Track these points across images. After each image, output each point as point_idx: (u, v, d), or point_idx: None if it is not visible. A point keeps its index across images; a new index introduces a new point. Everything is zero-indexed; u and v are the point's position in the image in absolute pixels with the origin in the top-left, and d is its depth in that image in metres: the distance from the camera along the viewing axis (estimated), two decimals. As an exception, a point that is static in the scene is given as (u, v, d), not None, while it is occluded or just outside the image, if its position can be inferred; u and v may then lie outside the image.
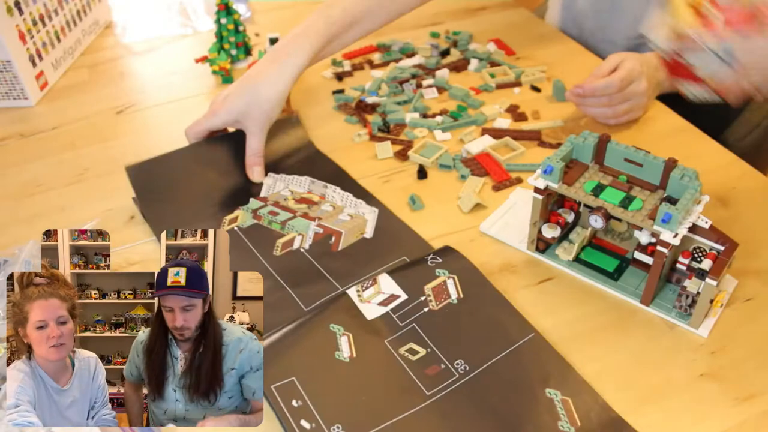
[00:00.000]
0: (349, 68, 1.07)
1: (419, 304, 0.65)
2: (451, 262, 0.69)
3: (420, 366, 0.61)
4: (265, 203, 0.80)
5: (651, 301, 0.66)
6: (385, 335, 0.63)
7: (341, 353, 0.61)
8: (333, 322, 0.63)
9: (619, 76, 0.86)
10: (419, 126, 0.92)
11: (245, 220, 0.78)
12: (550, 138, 0.90)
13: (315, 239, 0.75)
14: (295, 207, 0.79)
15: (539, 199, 0.68)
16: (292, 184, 0.83)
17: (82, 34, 1.16)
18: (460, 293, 0.66)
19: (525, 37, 1.14)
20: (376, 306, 0.65)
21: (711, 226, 0.61)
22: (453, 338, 0.63)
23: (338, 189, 0.82)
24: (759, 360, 0.62)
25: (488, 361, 0.61)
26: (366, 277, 0.69)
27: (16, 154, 0.92)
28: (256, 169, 0.83)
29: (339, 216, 0.77)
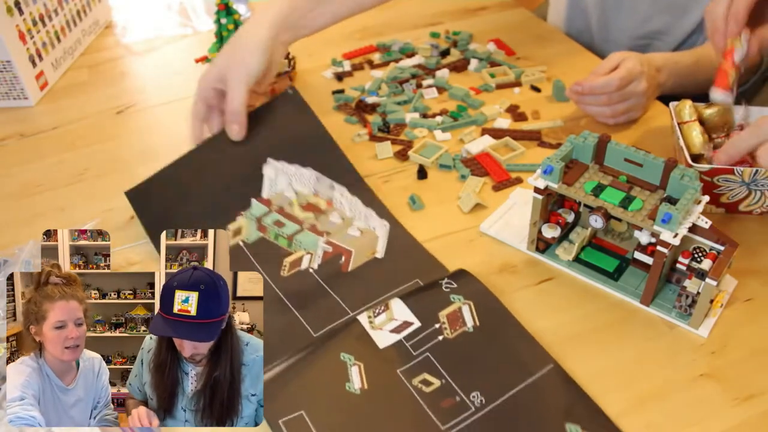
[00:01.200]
0: (349, 68, 1.07)
1: (433, 332, 0.62)
2: (466, 286, 0.66)
3: (434, 398, 0.58)
4: (269, 208, 0.77)
5: (651, 301, 0.66)
6: (397, 365, 0.60)
7: (352, 384, 0.58)
8: (343, 350, 0.61)
9: (618, 75, 0.86)
10: (419, 126, 0.92)
11: (250, 232, 0.75)
12: (550, 138, 0.90)
13: (324, 258, 0.72)
14: (302, 216, 0.76)
15: (539, 199, 0.67)
16: (295, 180, 0.79)
17: (82, 34, 1.16)
18: (476, 321, 0.63)
19: (525, 37, 1.14)
20: (389, 333, 0.62)
21: (711, 226, 0.61)
22: (468, 369, 0.60)
23: (345, 192, 0.77)
24: (759, 360, 0.62)
25: (505, 394, 0.58)
26: (378, 301, 0.66)
27: (16, 154, 0.92)
28: (234, 127, 0.80)
29: (348, 230, 0.74)
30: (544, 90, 1.00)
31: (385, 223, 0.75)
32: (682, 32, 1.04)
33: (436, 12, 1.23)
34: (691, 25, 1.03)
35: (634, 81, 0.87)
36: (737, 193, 0.72)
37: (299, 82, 1.04)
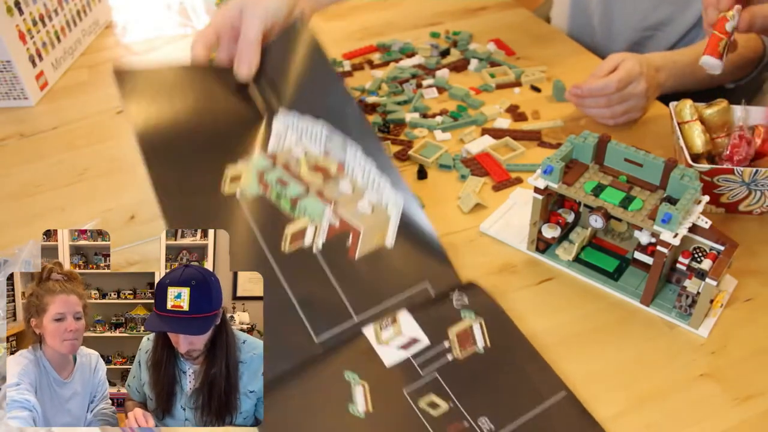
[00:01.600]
0: (349, 68, 1.07)
1: (442, 351, 0.60)
2: (477, 301, 0.64)
3: (441, 423, 0.56)
4: (273, 162, 0.71)
5: (651, 301, 0.66)
6: (404, 384, 0.58)
7: (356, 407, 0.56)
8: (348, 368, 0.59)
9: (617, 77, 0.86)
10: (419, 126, 0.92)
11: (249, 183, 0.68)
12: (550, 138, 0.90)
13: (330, 234, 0.67)
14: (309, 178, 0.69)
15: (539, 199, 0.67)
16: (306, 135, 0.72)
17: (82, 34, 1.16)
18: (486, 342, 0.61)
19: (525, 37, 1.14)
20: (396, 350, 0.60)
21: (711, 226, 0.61)
22: (477, 392, 0.58)
23: (359, 153, 0.70)
24: (759, 360, 0.62)
25: (515, 420, 0.56)
26: (385, 308, 0.64)
27: (16, 154, 0.92)
28: (243, 67, 0.75)
29: (358, 204, 0.68)
30: (544, 90, 1.00)
31: (398, 199, 0.69)
32: (684, 24, 1.05)
33: (436, 12, 1.23)
34: (693, 16, 1.03)
35: (633, 82, 0.87)
36: (737, 193, 0.72)
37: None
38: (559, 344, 0.63)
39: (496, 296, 0.65)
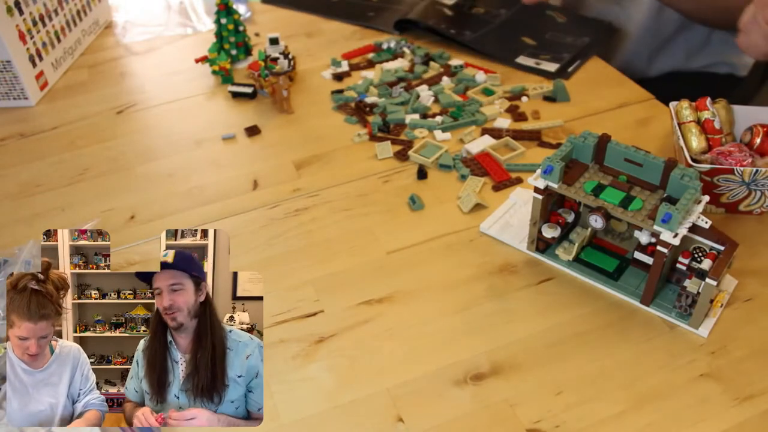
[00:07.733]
0: (348, 68, 1.07)
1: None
2: None
3: None
4: None
5: (651, 301, 0.66)
6: None
7: None
8: None
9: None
10: (419, 126, 0.92)
11: None
12: (550, 138, 0.90)
13: None
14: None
15: (539, 199, 0.68)
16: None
17: (82, 34, 1.16)
18: None
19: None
20: None
21: (711, 226, 0.61)
22: None
23: None
24: (759, 360, 0.62)
25: None
26: None
27: (16, 154, 0.92)
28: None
29: None
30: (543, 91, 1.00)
31: None
32: None
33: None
34: None
35: None
36: (737, 193, 0.72)
37: (299, 83, 1.04)
38: (559, 344, 0.63)
39: (496, 296, 0.65)
